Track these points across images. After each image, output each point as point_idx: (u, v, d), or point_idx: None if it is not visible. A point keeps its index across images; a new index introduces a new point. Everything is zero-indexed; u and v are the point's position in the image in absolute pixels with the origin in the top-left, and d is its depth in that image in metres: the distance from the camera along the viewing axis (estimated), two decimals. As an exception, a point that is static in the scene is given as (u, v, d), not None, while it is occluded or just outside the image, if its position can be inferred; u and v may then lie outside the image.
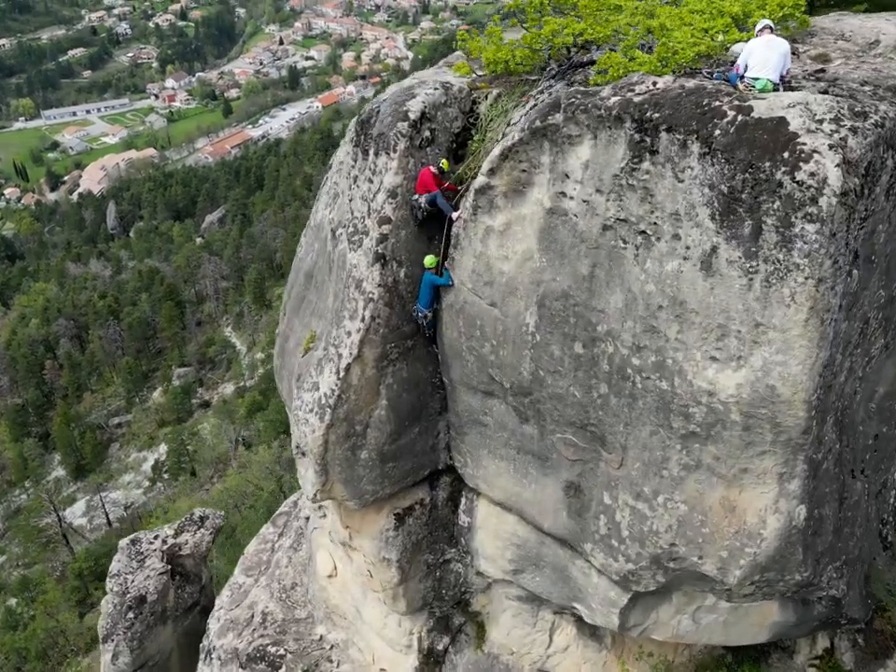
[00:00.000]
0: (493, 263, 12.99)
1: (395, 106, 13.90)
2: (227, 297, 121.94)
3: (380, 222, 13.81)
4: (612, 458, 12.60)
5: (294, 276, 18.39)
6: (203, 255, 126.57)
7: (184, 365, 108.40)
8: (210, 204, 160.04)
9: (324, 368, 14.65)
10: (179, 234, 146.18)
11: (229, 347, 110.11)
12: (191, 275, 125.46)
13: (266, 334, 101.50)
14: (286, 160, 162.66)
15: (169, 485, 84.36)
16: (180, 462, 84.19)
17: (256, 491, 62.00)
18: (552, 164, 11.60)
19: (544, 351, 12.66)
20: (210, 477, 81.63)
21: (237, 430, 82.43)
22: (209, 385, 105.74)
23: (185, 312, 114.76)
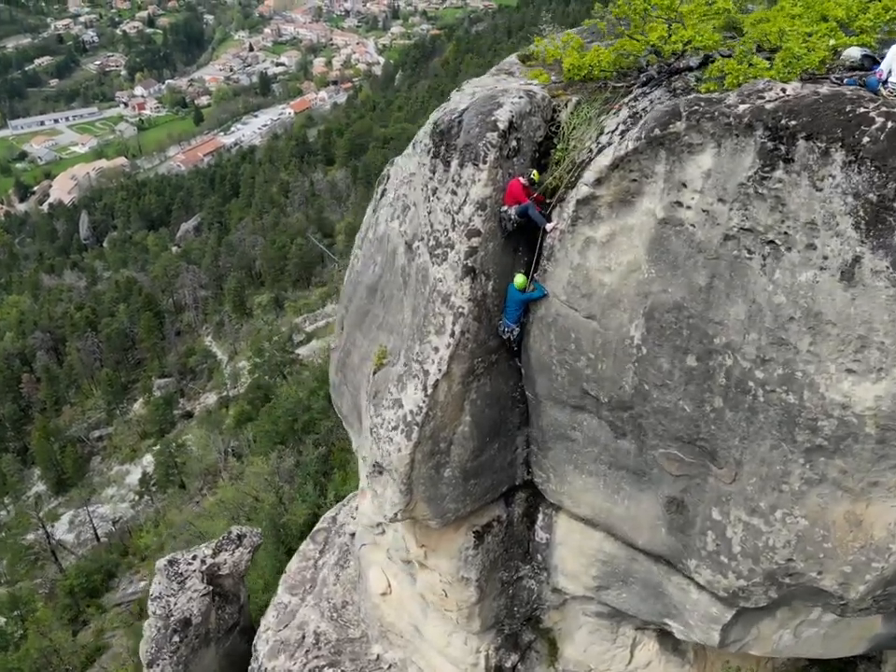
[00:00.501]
0: (592, 275, 12.65)
1: (481, 116, 13.50)
2: (206, 306, 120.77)
3: (468, 235, 13.40)
4: (724, 473, 12.30)
5: (352, 290, 17.92)
6: (181, 264, 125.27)
7: (164, 376, 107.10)
8: (185, 213, 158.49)
9: (406, 384, 14.21)
10: (154, 244, 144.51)
11: (209, 357, 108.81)
12: (169, 285, 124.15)
13: (247, 343, 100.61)
14: (261, 167, 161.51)
15: (158, 498, 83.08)
16: (168, 474, 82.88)
17: (253, 503, 61.16)
18: (667, 174, 11.28)
19: (651, 364, 12.34)
20: (200, 489, 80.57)
21: (226, 441, 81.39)
22: (191, 396, 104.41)
23: (164, 322, 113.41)
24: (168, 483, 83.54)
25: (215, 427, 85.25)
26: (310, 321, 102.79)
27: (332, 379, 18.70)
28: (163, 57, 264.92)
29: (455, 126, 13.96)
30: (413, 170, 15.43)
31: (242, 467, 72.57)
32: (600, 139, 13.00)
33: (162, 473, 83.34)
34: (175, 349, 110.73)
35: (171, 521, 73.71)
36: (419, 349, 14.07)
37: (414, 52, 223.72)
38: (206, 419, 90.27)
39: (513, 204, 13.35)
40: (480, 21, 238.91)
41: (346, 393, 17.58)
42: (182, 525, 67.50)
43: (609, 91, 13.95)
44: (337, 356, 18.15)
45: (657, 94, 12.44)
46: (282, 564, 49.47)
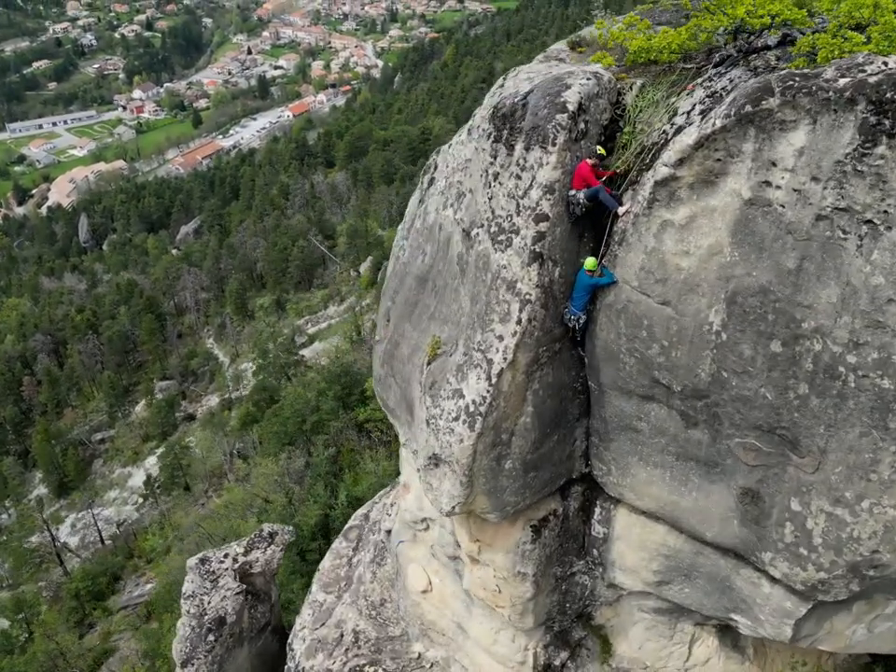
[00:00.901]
0: (668, 259, 12.29)
1: (549, 97, 13.14)
2: (207, 308, 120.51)
3: (536, 220, 13.04)
4: (805, 462, 11.95)
5: (397, 282, 17.54)
6: (182, 266, 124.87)
7: (166, 378, 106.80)
8: (184, 215, 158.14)
9: (468, 374, 13.83)
10: (154, 246, 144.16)
11: (211, 359, 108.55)
12: (170, 287, 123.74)
13: (249, 345, 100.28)
14: (261, 169, 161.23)
15: (163, 501, 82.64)
16: (173, 476, 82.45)
17: (263, 504, 60.74)
18: (755, 152, 10.94)
19: (731, 351, 11.98)
20: (205, 491, 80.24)
21: (231, 443, 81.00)
22: (192, 398, 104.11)
23: (165, 324, 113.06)
24: (173, 485, 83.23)
25: (219, 429, 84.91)
26: (312, 323, 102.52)
27: (377, 372, 18.29)
28: (162, 60, 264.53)
29: (518, 109, 13.60)
30: (470, 156, 15.07)
31: (248, 468, 72.27)
32: (674, 120, 12.65)
33: (167, 475, 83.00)
34: (177, 351, 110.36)
35: (177, 523, 73.31)
36: (481, 338, 13.69)
37: (413, 55, 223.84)
38: (209, 421, 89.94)
39: (582, 188, 13.01)
40: (478, 24, 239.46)
41: (394, 385, 17.18)
42: (189, 527, 67.10)
43: (677, 74, 13.63)
44: (383, 348, 17.74)
45: (736, 73, 12.09)
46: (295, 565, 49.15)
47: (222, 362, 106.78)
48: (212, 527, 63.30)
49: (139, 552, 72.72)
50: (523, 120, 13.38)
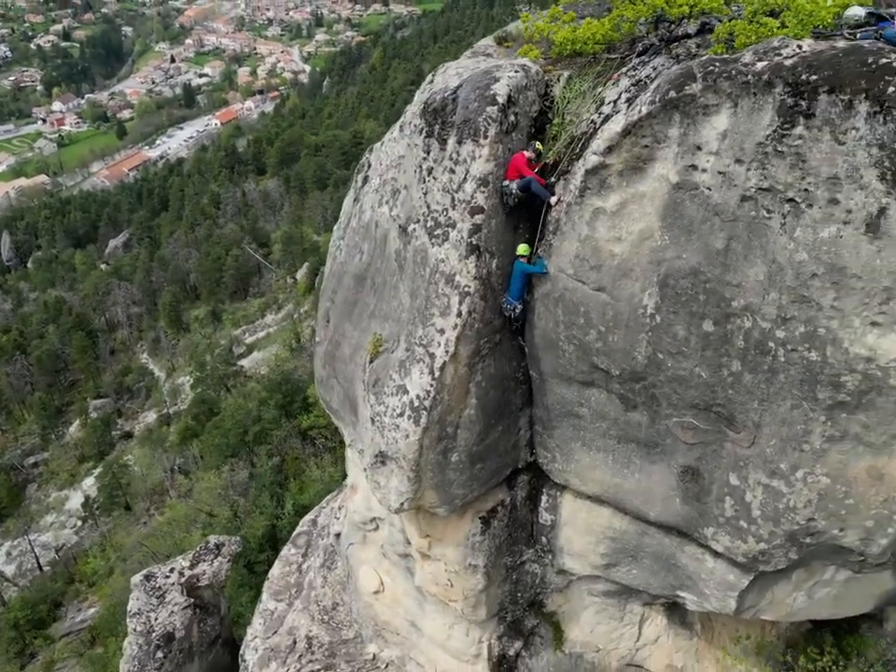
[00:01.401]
0: (602, 246, 12.53)
1: (479, 91, 13.27)
2: (140, 323, 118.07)
3: (471, 212, 13.16)
4: (741, 437, 12.31)
5: (335, 282, 17.48)
6: (112, 281, 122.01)
7: (100, 396, 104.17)
8: (112, 229, 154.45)
9: (411, 369, 13.87)
10: (82, 262, 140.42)
11: (146, 374, 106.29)
12: (100, 303, 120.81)
13: (185, 358, 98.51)
14: (190, 179, 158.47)
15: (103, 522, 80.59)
16: (112, 497, 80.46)
17: (207, 518, 59.75)
18: (681, 137, 11.24)
19: (666, 332, 12.28)
20: (147, 509, 78.61)
21: (171, 459, 79.48)
22: (129, 416, 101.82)
23: (97, 341, 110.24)
24: (113, 505, 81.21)
25: (157, 445, 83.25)
26: (249, 333, 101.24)
27: (319, 374, 18.19)
28: (81, 71, 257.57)
29: (449, 103, 13.71)
30: (403, 152, 15.13)
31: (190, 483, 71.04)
32: (601, 110, 12.93)
33: (106, 496, 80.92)
34: (111, 368, 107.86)
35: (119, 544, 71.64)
36: (422, 332, 13.75)
37: (341, 59, 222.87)
38: (148, 438, 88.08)
39: (515, 179, 13.18)
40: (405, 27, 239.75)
41: (336, 386, 17.12)
42: (132, 547, 65.64)
43: (601, 65, 13.92)
44: (323, 349, 17.67)
45: (659, 62, 12.43)
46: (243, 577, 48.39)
47: (158, 377, 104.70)
48: (156, 545, 62.04)
49: (80, 576, 70.82)
50: (454, 115, 13.49)
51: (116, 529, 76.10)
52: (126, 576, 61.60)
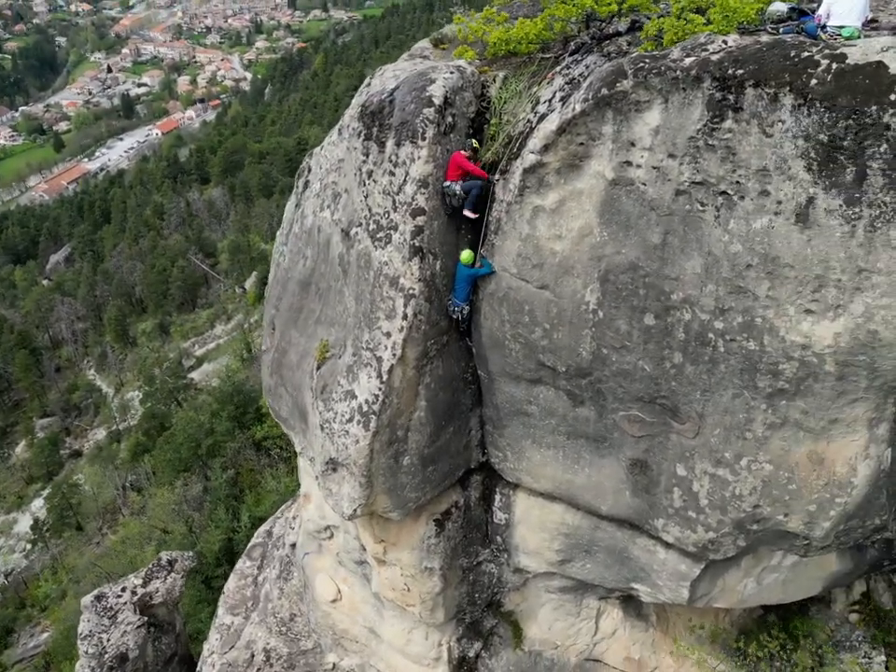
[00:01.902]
0: (543, 244, 12.62)
1: (415, 93, 13.27)
2: (86, 338, 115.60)
3: (413, 214, 13.14)
4: (686, 428, 12.49)
5: (280, 289, 17.32)
6: (55, 297, 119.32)
7: (46, 415, 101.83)
8: (53, 244, 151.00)
9: (358, 374, 13.80)
10: (22, 278, 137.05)
11: (94, 391, 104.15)
12: (43, 320, 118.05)
13: (133, 373, 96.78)
14: (132, 190, 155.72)
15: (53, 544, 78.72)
16: (63, 517, 78.62)
17: (162, 535, 58.74)
18: (614, 134, 11.37)
19: (608, 327, 12.41)
20: (99, 529, 77.06)
21: (122, 476, 78.01)
22: (77, 434, 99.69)
23: (40, 359, 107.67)
24: (63, 526, 79.35)
25: (108, 462, 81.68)
26: (199, 344, 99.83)
27: (267, 382, 17.99)
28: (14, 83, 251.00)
29: (386, 106, 13.68)
30: (342, 156, 15.06)
31: (143, 500, 69.87)
32: (537, 109, 13.02)
33: (56, 517, 79.05)
34: (56, 386, 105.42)
35: (71, 565, 70.06)
36: (369, 336, 13.69)
37: (282, 66, 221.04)
38: (98, 456, 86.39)
39: (456, 178, 13.20)
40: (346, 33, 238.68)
41: (285, 394, 16.95)
42: (85, 568, 64.25)
43: (536, 64, 14.03)
44: (270, 357, 17.48)
45: (591, 60, 12.55)
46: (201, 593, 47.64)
47: (106, 393, 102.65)
48: (109, 565, 60.84)
49: (32, 600, 69.09)
50: (391, 117, 13.47)
51: (67, 551, 74.47)
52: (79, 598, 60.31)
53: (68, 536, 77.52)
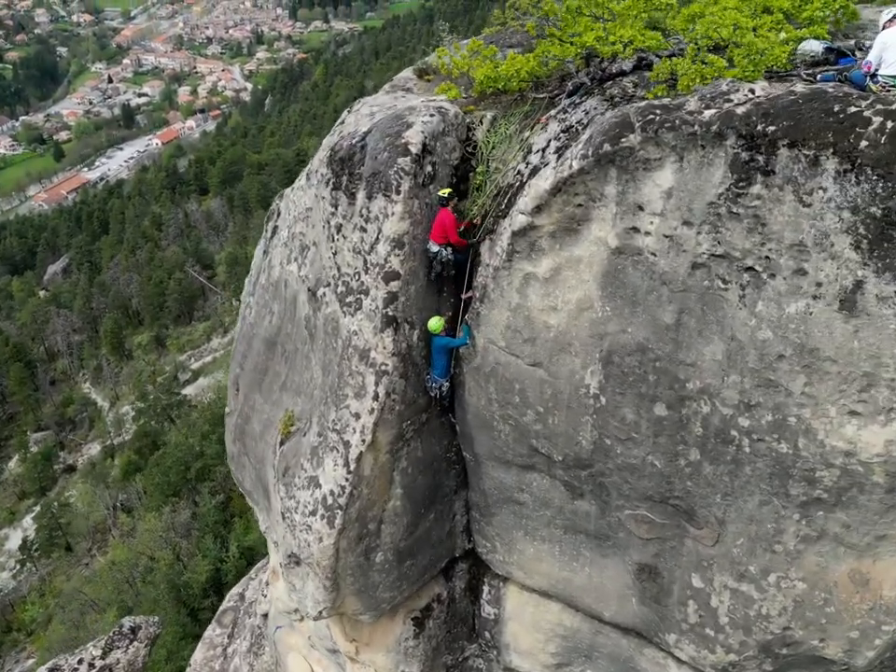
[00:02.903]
0: (535, 316, 10.82)
1: (389, 139, 11.48)
2: (81, 351, 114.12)
3: (386, 278, 11.35)
4: (704, 535, 10.65)
5: (246, 345, 15.52)
6: (51, 309, 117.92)
7: (41, 429, 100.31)
8: (51, 254, 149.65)
9: (323, 459, 11.98)
10: (19, 289, 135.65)
11: (89, 404, 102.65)
12: (39, 332, 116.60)
13: (129, 386, 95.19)
14: (131, 201, 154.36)
15: (42, 564, 77.02)
16: (52, 537, 76.92)
17: (148, 563, 57.09)
18: (619, 195, 9.57)
19: (612, 416, 10.59)
20: (88, 550, 75.49)
21: (113, 495, 76.37)
22: (72, 448, 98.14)
23: (36, 372, 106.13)
24: (52, 546, 77.66)
25: (100, 480, 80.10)
26: (195, 358, 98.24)
27: (230, 449, 16.18)
28: (15, 93, 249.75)
29: (357, 152, 11.89)
30: (310, 204, 13.27)
31: (133, 522, 68.44)
32: (529, 159, 11.22)
33: (45, 537, 77.34)
34: (51, 399, 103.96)
35: (58, 589, 68.42)
36: (336, 416, 11.88)
37: (283, 77, 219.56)
38: (91, 472, 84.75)
39: (443, 240, 11.38)
40: (346, 44, 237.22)
41: (248, 465, 15.14)
42: (71, 593, 62.60)
43: (528, 104, 12.24)
44: (234, 422, 15.67)
45: (591, 104, 10.74)
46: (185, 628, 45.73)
47: (101, 407, 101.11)
48: (94, 592, 59.33)
49: (18, 624, 67.30)
50: (362, 165, 11.68)
51: (56, 572, 72.87)
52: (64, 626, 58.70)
53: (57, 556, 75.92)
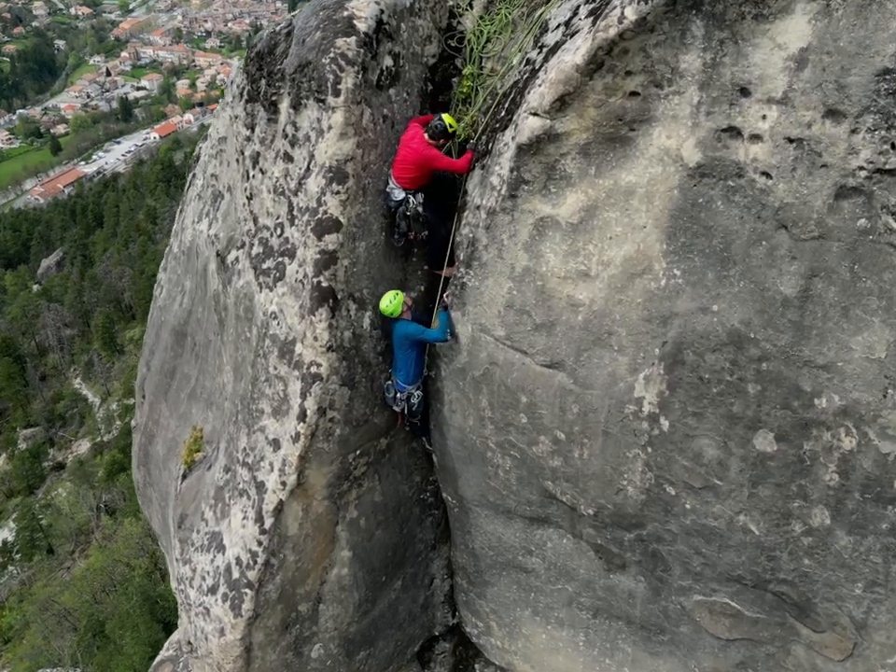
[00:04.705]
0: (553, 288, 6.71)
1: (326, 13, 7.36)
2: (73, 346, 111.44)
3: (319, 230, 7.23)
4: (828, 642, 6.57)
5: (153, 337, 11.42)
6: (42, 303, 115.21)
7: (30, 425, 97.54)
8: (45, 248, 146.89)
9: (230, 507, 7.89)
10: (13, 283, 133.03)
11: (80, 400, 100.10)
12: (30, 326, 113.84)
13: (121, 382, 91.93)
14: (125, 194, 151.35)
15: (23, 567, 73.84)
16: (33, 539, 73.74)
17: (125, 570, 53.69)
18: (705, 69, 5.47)
19: (679, 450, 6.49)
20: (71, 553, 72.73)
21: (97, 496, 73.16)
22: (62, 445, 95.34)
23: (25, 367, 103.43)
24: (33, 549, 74.56)
25: (85, 480, 77.05)
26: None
27: (135, 477, 12.09)
28: (12, 86, 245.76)
29: (280, 41, 7.79)
30: (224, 132, 9.16)
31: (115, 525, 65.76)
32: (543, 40, 7.09)
33: (26, 539, 74.20)
34: (41, 395, 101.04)
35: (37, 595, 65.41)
36: (247, 443, 7.78)
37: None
38: (78, 471, 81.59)
39: (413, 182, 7.29)
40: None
41: (154, 501, 11.02)
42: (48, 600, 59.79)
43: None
44: (138, 440, 11.57)
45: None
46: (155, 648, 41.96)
47: (92, 403, 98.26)
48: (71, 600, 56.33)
49: (-3, 629, 64.20)
50: (285, 58, 7.57)
51: (37, 576, 69.66)
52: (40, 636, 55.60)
53: (38, 560, 72.80)
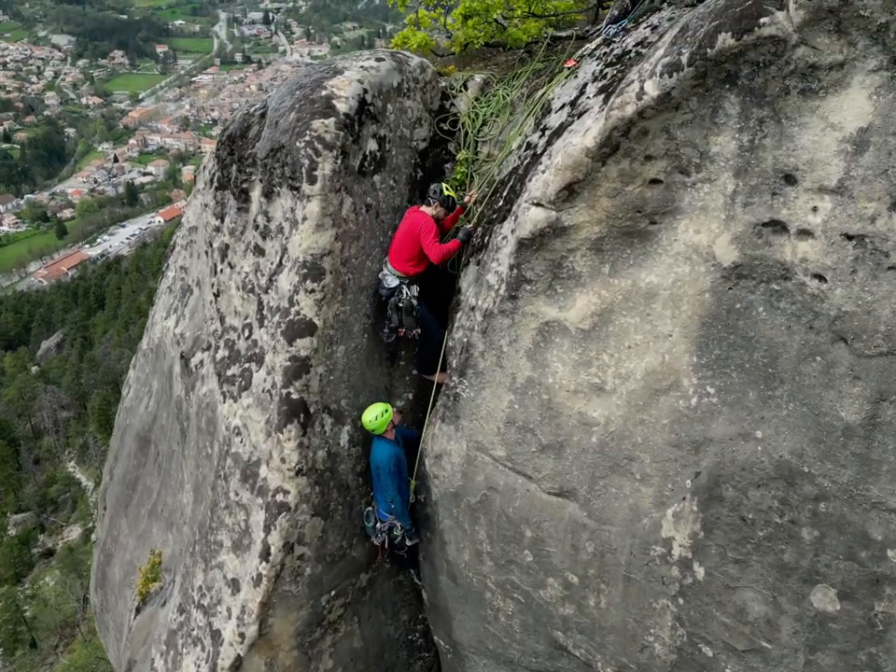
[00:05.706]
0: (562, 403, 5.69)
1: (302, 92, 6.57)
2: (68, 428, 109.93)
3: (290, 333, 6.26)
4: None
5: (118, 441, 10.37)
6: (39, 384, 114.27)
7: (21, 510, 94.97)
8: (46, 330, 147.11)
9: (183, 656, 6.70)
10: (12, 365, 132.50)
11: (73, 484, 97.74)
12: (26, 408, 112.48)
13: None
14: (128, 276, 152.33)
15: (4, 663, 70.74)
16: (16, 633, 70.71)
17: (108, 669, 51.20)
18: (741, 152, 4.56)
19: (717, 603, 5.35)
20: (55, 647, 69.48)
21: (84, 586, 70.45)
22: (52, 530, 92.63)
23: (20, 450, 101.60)
24: (16, 643, 71.41)
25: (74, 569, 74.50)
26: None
27: (92, 601, 10.85)
28: (21, 172, 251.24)
29: (254, 123, 6.98)
30: (194, 221, 8.30)
31: (100, 618, 62.80)
32: (546, 122, 6.25)
33: (9, 633, 71.15)
34: (34, 479, 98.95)
35: (16, 693, 62.48)
36: (203, 581, 6.63)
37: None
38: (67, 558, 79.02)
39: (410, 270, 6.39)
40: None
41: (111, 629, 9.74)
42: (24, 702, 56.86)
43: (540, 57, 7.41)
44: (98, 557, 10.36)
45: (661, 17, 5.82)
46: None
47: (85, 486, 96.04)
48: (50, 703, 53.61)
49: (-25, 732, 61.15)
50: (257, 141, 6.73)
51: None
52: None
53: (21, 654, 69.70)
